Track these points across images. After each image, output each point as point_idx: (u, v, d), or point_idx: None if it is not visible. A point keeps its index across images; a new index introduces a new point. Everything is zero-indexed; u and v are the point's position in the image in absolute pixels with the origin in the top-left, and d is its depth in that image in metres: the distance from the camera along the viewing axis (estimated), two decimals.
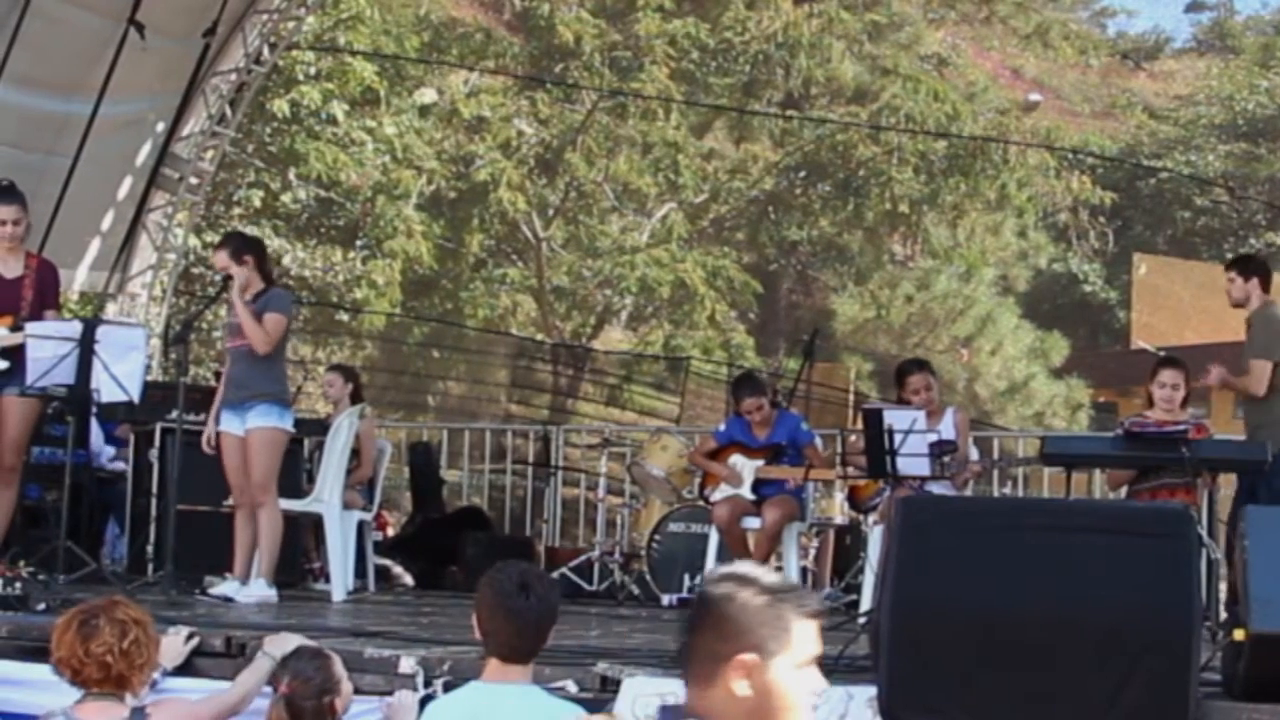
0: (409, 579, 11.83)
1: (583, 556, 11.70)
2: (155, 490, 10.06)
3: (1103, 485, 10.39)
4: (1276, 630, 5.33)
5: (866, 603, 8.56)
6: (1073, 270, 31.76)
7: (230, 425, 8.74)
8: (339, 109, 20.18)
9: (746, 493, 9.43)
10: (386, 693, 5.67)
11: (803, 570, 10.11)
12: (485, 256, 24.25)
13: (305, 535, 10.51)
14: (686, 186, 24.19)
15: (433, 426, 17.33)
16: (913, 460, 8.27)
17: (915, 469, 8.32)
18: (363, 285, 21.61)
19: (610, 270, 23.42)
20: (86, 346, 8.21)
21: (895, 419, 8.33)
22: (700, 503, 10.26)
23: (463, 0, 27.56)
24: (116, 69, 12.39)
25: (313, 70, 19.95)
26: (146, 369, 9.35)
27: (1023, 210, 27.30)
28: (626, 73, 23.50)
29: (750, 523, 9.35)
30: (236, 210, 20.80)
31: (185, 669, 6.08)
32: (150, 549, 9.88)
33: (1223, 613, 7.84)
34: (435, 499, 13.26)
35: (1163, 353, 10.02)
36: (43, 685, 5.36)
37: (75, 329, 8.38)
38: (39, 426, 9.14)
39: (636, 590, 10.99)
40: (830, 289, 28.46)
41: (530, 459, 13.73)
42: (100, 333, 8.34)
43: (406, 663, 5.87)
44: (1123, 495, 8.84)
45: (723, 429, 9.89)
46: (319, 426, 10.47)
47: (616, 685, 5.58)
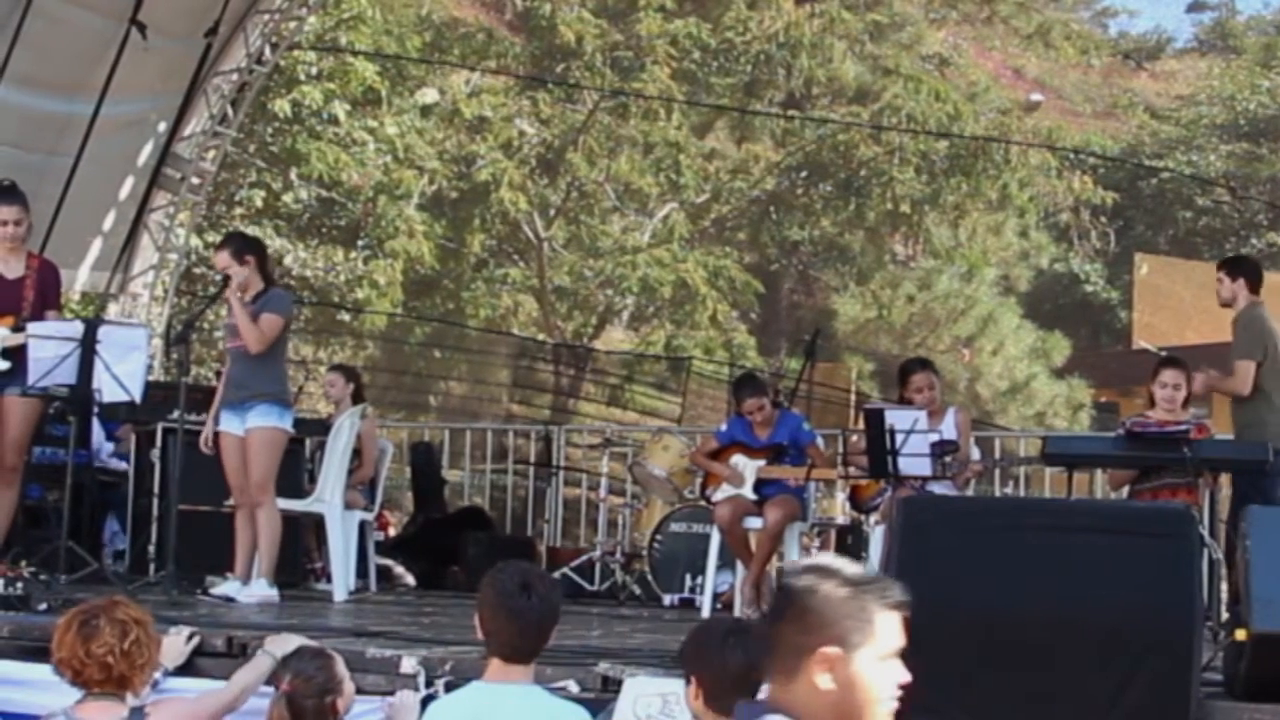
0: (410, 579, 11.84)
1: (584, 556, 11.71)
2: (157, 490, 10.06)
3: (1104, 485, 10.39)
4: (1278, 630, 5.33)
5: None
6: (1074, 270, 31.73)
7: (230, 425, 8.74)
8: (340, 109, 20.18)
9: (748, 493, 9.42)
10: (388, 693, 5.67)
11: None
12: (487, 256, 24.24)
13: (307, 535, 10.52)
14: (688, 186, 24.18)
15: (434, 426, 17.32)
16: (914, 460, 8.28)
17: (917, 469, 8.33)
18: (364, 285, 21.59)
19: (612, 270, 23.41)
20: (88, 346, 8.22)
21: (897, 419, 8.34)
22: (702, 503, 10.25)
23: (464, 0, 27.56)
24: (118, 69, 12.39)
25: (314, 70, 19.95)
26: (148, 369, 9.34)
27: (1024, 210, 27.28)
28: (628, 73, 23.49)
29: (752, 523, 9.34)
30: (238, 210, 20.79)
31: (187, 669, 6.08)
32: (152, 549, 9.88)
33: (1224, 613, 7.84)
34: (437, 499, 13.26)
35: (1164, 353, 10.01)
36: (44, 685, 5.36)
37: (77, 329, 8.38)
38: (40, 426, 9.13)
39: (638, 590, 11.00)
40: (832, 289, 28.45)
41: (532, 459, 13.72)
42: (102, 333, 8.34)
43: (408, 663, 5.87)
44: (1124, 495, 8.85)
45: (724, 429, 9.87)
46: (320, 427, 10.48)
47: (618, 685, 5.58)
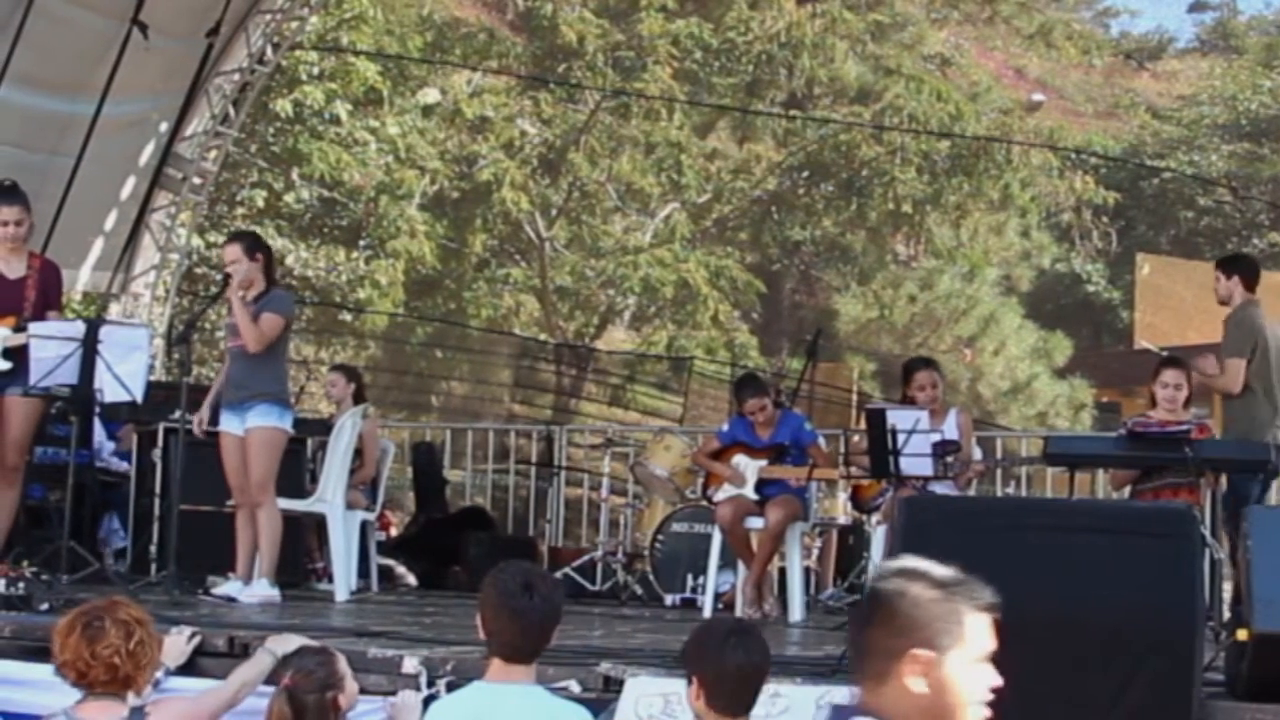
0: (412, 579, 11.84)
1: (586, 556, 11.71)
2: (158, 490, 10.06)
3: (1106, 485, 10.39)
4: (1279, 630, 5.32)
5: None
6: (1076, 270, 31.72)
7: (230, 425, 8.74)
8: (342, 109, 20.19)
9: (749, 493, 9.41)
10: (390, 693, 5.67)
11: (806, 570, 10.10)
12: (488, 256, 24.24)
13: (308, 535, 10.52)
14: (689, 186, 24.18)
15: (436, 426, 17.30)
16: (916, 460, 8.27)
17: (918, 469, 8.32)
18: (366, 285, 21.60)
19: (613, 270, 23.42)
20: (90, 346, 8.22)
21: (898, 419, 8.34)
22: (703, 503, 10.24)
23: (465, 0, 27.57)
24: (120, 69, 12.39)
25: (316, 70, 19.96)
26: (149, 369, 9.34)
27: (1026, 210, 27.28)
28: (629, 73, 23.49)
29: (753, 523, 9.34)
30: (240, 210, 20.80)
31: (188, 668, 6.08)
32: (153, 549, 9.88)
33: (1226, 612, 7.83)
34: (438, 499, 13.25)
35: (1165, 353, 9.99)
36: (46, 685, 5.35)
37: (78, 329, 8.38)
38: (42, 426, 9.13)
39: (639, 590, 11.00)
40: (833, 289, 28.45)
41: (533, 459, 13.72)
42: (103, 333, 8.34)
43: (410, 663, 5.87)
44: (1126, 495, 8.85)
45: (726, 429, 9.86)
46: (322, 427, 10.47)
47: (619, 685, 5.58)
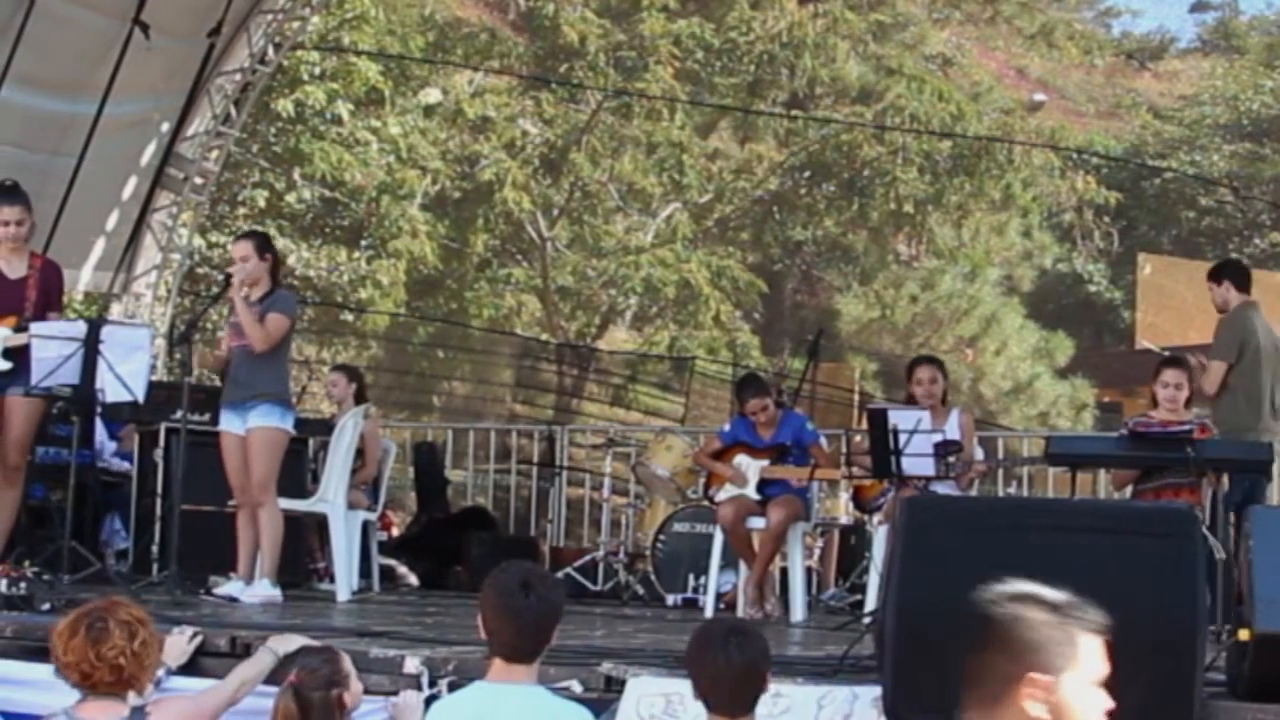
0: (414, 579, 11.85)
1: (587, 556, 11.71)
2: (160, 490, 10.06)
3: (1107, 485, 10.39)
4: None
5: (871, 603, 8.56)
6: (1077, 270, 31.71)
7: (231, 425, 8.73)
8: (344, 109, 20.20)
9: (751, 493, 9.41)
10: (392, 693, 5.66)
11: (807, 570, 10.11)
12: (490, 256, 24.24)
13: (310, 535, 10.52)
14: (691, 186, 24.18)
15: (437, 426, 17.31)
16: (917, 460, 8.27)
17: (920, 469, 8.32)
18: (367, 285, 21.61)
19: (615, 270, 23.42)
20: (91, 346, 8.21)
21: (900, 419, 8.33)
22: (705, 503, 10.25)
23: (467, 0, 27.57)
24: (121, 69, 12.40)
25: (317, 70, 19.96)
26: (151, 369, 9.33)
27: (1027, 210, 27.28)
28: (631, 73, 23.49)
29: (755, 523, 9.34)
30: (241, 210, 20.81)
31: (189, 668, 6.07)
32: (155, 549, 9.88)
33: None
34: (440, 499, 13.25)
35: (1167, 353, 10.00)
36: (47, 685, 5.35)
37: (80, 329, 8.38)
38: (43, 426, 9.13)
39: (641, 590, 11.00)
40: (835, 289, 28.45)
41: (535, 459, 13.72)
42: (105, 333, 8.34)
43: (411, 663, 5.87)
44: (1127, 495, 8.84)
45: (727, 429, 9.86)
46: (323, 426, 10.47)
47: (621, 685, 5.58)
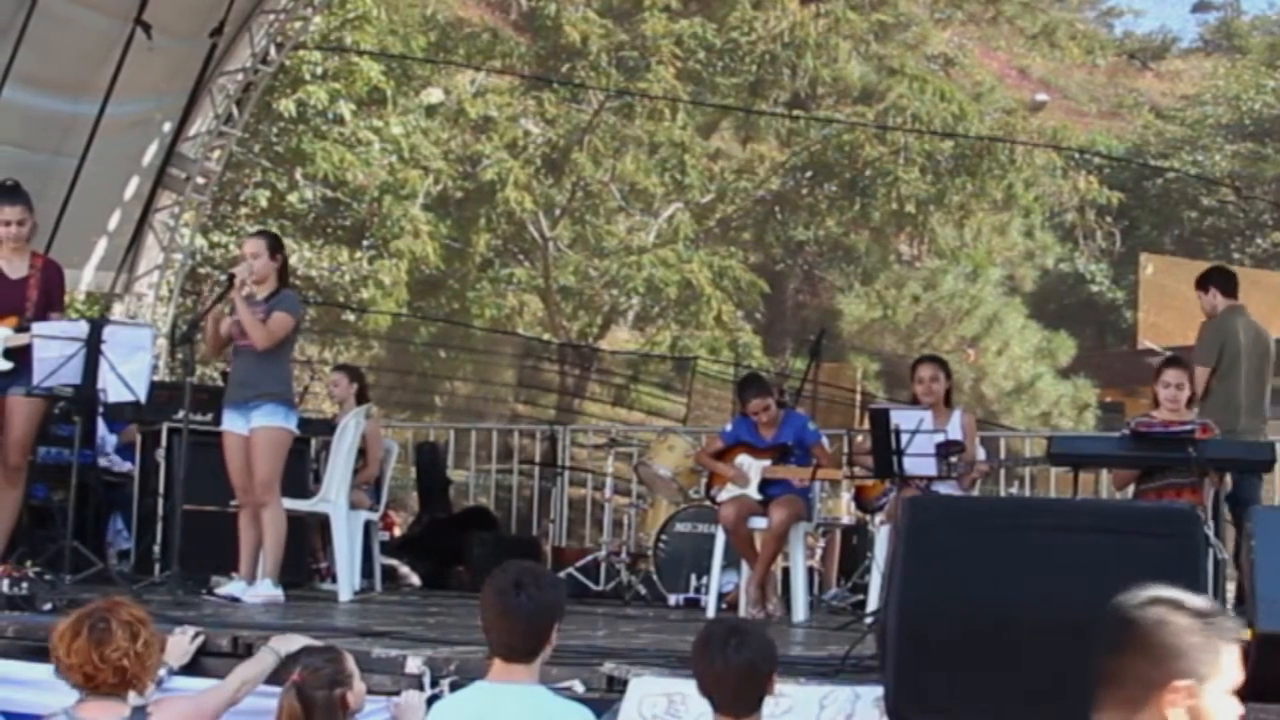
0: (416, 579, 11.84)
1: (589, 556, 11.70)
2: (162, 490, 10.06)
3: (1109, 485, 10.38)
4: None
5: (873, 603, 8.57)
6: (1079, 270, 31.71)
7: (234, 424, 8.73)
8: (346, 109, 20.20)
9: (753, 493, 9.41)
10: (393, 693, 5.66)
11: (809, 570, 10.11)
12: (492, 256, 24.25)
13: (312, 535, 10.52)
14: (693, 186, 24.18)
15: (439, 426, 17.30)
16: (919, 460, 8.26)
17: (922, 469, 8.31)
18: (369, 285, 21.62)
19: (617, 270, 23.42)
20: (93, 347, 8.21)
21: (902, 419, 8.33)
22: (707, 503, 10.24)
23: (469, 0, 27.57)
24: (123, 69, 12.40)
25: (319, 70, 19.96)
26: (153, 369, 9.33)
27: (1029, 210, 27.28)
28: (633, 73, 23.49)
29: (757, 523, 9.34)
30: (243, 210, 20.82)
31: (191, 668, 6.07)
32: (157, 549, 9.88)
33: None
34: (442, 499, 13.25)
35: (1168, 353, 10.03)
36: (49, 685, 5.35)
37: (82, 329, 8.38)
38: (45, 426, 9.13)
39: (643, 590, 11.00)
40: (837, 289, 28.45)
41: (537, 459, 13.71)
42: (107, 333, 8.34)
43: (413, 663, 5.87)
44: (1129, 495, 8.84)
45: (729, 429, 9.86)
46: (325, 426, 10.47)
47: (623, 685, 5.58)
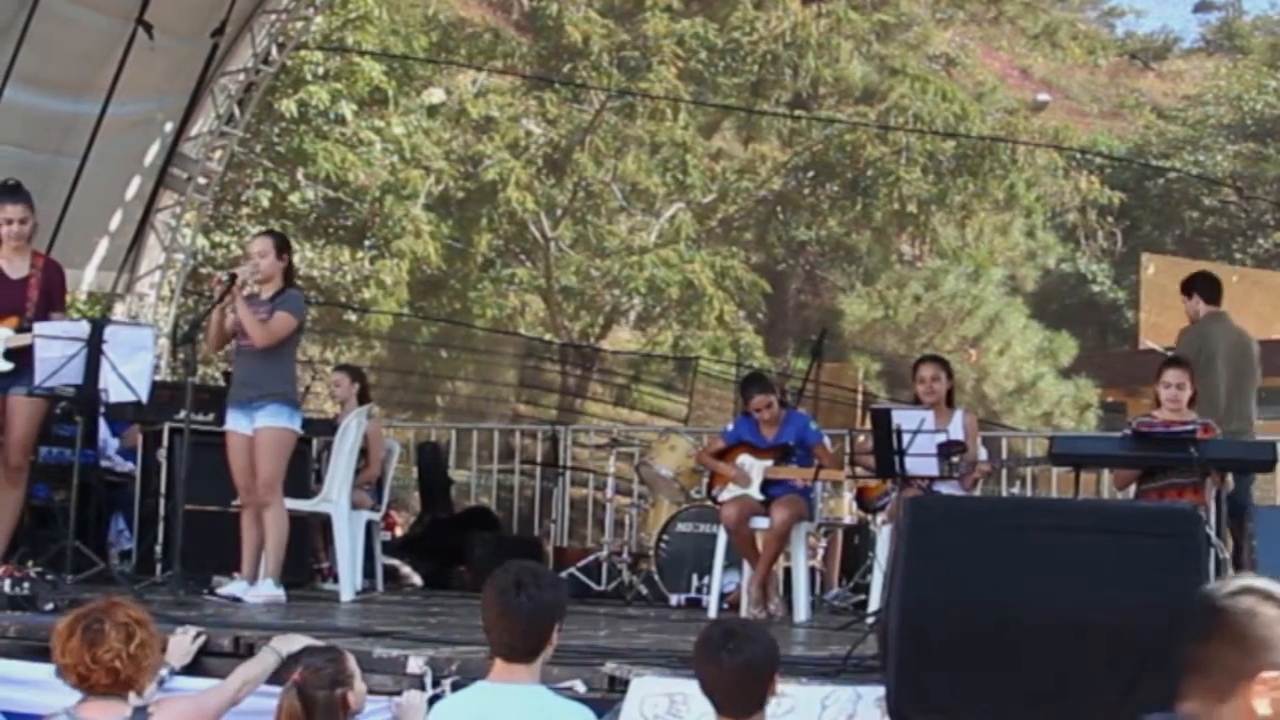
0: (417, 579, 11.83)
1: (591, 556, 11.70)
2: (163, 490, 10.06)
3: (1111, 485, 10.38)
4: None
5: (875, 603, 8.56)
6: (1081, 270, 31.73)
7: (238, 424, 8.72)
8: (347, 109, 20.21)
9: (755, 493, 9.41)
10: (395, 693, 5.66)
11: (810, 570, 10.10)
12: (493, 256, 24.26)
13: (313, 535, 10.51)
14: (694, 186, 24.19)
15: (441, 426, 17.30)
16: (921, 460, 8.26)
17: (923, 469, 8.31)
18: (371, 285, 21.63)
19: (618, 270, 23.43)
20: (95, 347, 8.22)
21: (903, 419, 8.33)
22: (708, 503, 10.23)
23: (471, 0, 27.58)
24: (125, 69, 12.40)
25: (321, 70, 19.98)
26: (155, 369, 9.33)
27: (1031, 210, 27.29)
28: (634, 73, 23.50)
29: (758, 523, 9.34)
30: (245, 210, 20.83)
31: (193, 668, 6.07)
32: (158, 549, 9.88)
33: None
34: (443, 499, 13.24)
35: (1170, 352, 10.03)
36: (50, 685, 5.35)
37: (83, 329, 8.38)
38: (47, 426, 9.13)
39: (644, 590, 10.99)
40: (838, 289, 28.46)
41: (539, 459, 13.71)
42: (108, 333, 8.34)
43: (415, 663, 5.87)
44: (1130, 495, 8.83)
45: (731, 429, 9.86)
46: (327, 427, 10.46)
47: (625, 685, 5.58)
